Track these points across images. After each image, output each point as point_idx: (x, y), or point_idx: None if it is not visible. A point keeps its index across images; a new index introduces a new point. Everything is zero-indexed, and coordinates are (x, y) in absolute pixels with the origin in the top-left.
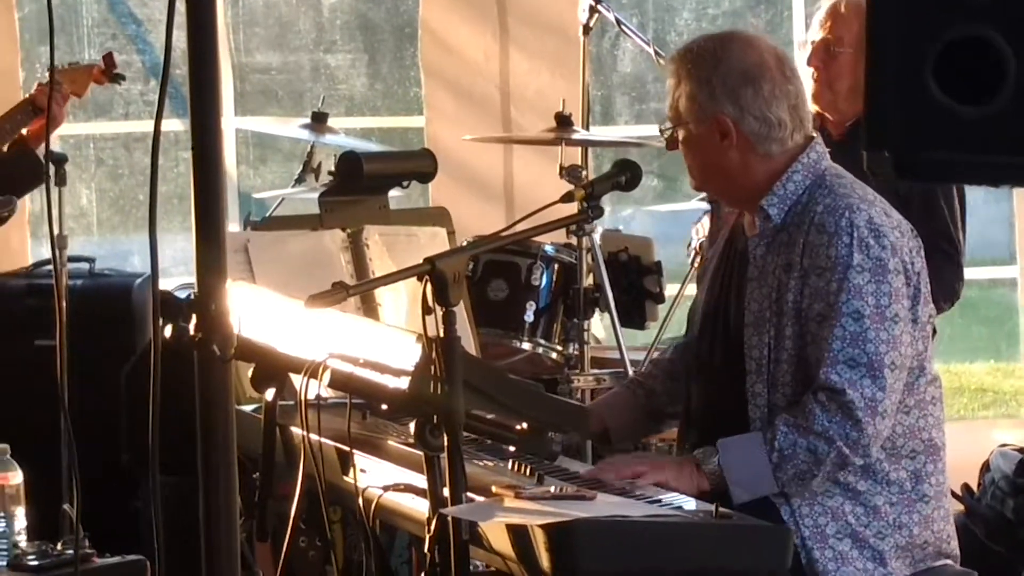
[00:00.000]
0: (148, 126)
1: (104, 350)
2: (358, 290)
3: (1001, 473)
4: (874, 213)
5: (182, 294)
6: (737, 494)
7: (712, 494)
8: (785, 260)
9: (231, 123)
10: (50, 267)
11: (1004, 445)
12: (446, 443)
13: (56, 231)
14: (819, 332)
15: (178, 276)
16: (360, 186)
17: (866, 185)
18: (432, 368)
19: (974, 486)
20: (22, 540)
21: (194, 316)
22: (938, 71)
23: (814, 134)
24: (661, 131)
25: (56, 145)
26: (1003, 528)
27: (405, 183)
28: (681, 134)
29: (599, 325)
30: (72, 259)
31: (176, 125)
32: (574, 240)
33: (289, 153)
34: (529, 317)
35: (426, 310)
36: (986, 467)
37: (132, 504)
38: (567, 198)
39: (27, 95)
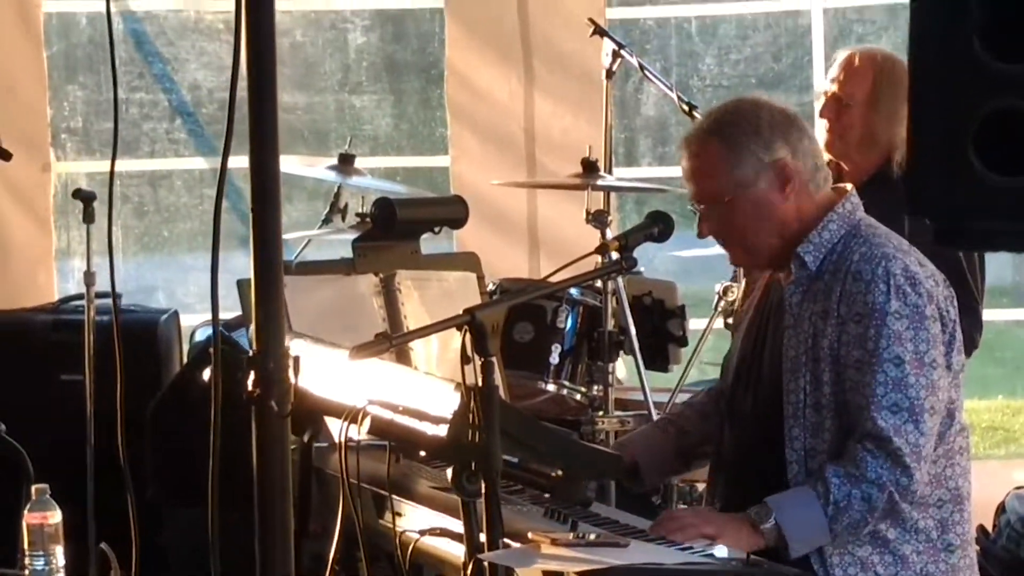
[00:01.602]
0: (173, 164)
1: (130, 385)
2: (401, 341)
3: (1017, 515)
4: (909, 262)
5: (209, 330)
6: (796, 549)
7: (766, 551)
8: (821, 307)
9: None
10: (75, 303)
11: (1020, 488)
12: (484, 489)
13: (84, 267)
14: (859, 378)
15: (203, 312)
16: (393, 232)
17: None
18: (470, 416)
19: (988, 527)
20: None
21: (252, 372)
22: (978, 142)
23: (848, 187)
24: (701, 219)
25: (84, 183)
26: (1019, 570)
27: (437, 229)
28: (727, 209)
29: (621, 367)
30: (98, 295)
31: (200, 163)
32: (598, 283)
33: (312, 192)
34: (554, 359)
35: (465, 360)
36: (1001, 508)
37: (157, 538)
38: (601, 250)
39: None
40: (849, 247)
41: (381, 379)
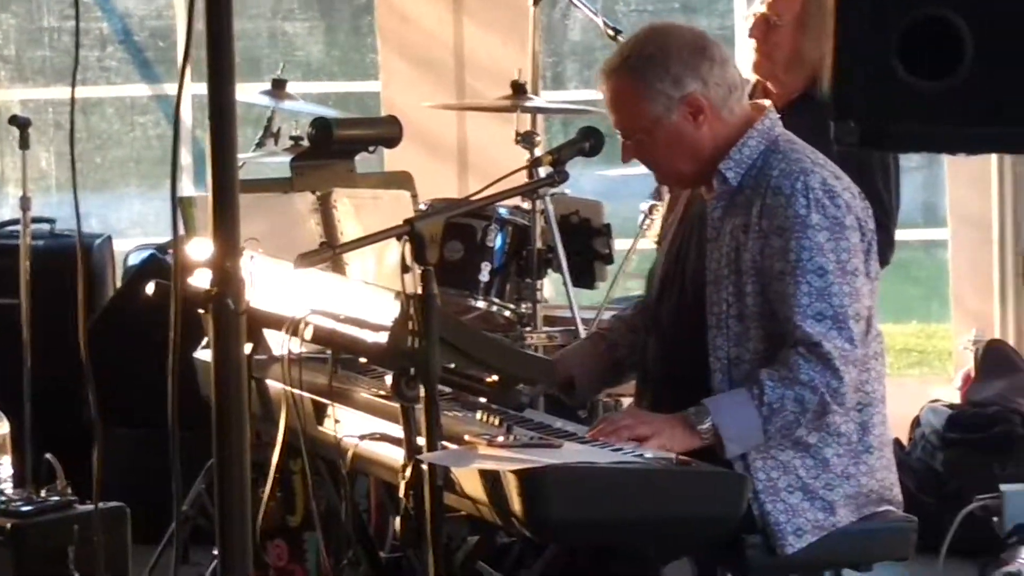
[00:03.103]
0: (104, 91)
1: (65, 308)
2: (344, 249)
3: (931, 427)
4: (827, 175)
5: (143, 254)
6: (731, 450)
7: (701, 451)
8: (742, 221)
9: (189, 89)
10: (10, 228)
11: (935, 401)
12: (423, 394)
13: (20, 193)
14: (784, 290)
15: (134, 237)
16: (330, 151)
17: (816, 150)
18: (410, 324)
19: (904, 440)
20: (7, 488)
21: (210, 272)
22: (901, 50)
23: (767, 103)
24: (623, 146)
25: (17, 109)
26: (932, 480)
27: (372, 148)
28: (645, 138)
29: (549, 285)
30: (34, 220)
31: (133, 91)
32: (525, 203)
33: (242, 118)
34: (484, 276)
35: (404, 269)
36: (916, 422)
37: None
38: (535, 164)
39: None
40: (768, 162)
41: (321, 290)
